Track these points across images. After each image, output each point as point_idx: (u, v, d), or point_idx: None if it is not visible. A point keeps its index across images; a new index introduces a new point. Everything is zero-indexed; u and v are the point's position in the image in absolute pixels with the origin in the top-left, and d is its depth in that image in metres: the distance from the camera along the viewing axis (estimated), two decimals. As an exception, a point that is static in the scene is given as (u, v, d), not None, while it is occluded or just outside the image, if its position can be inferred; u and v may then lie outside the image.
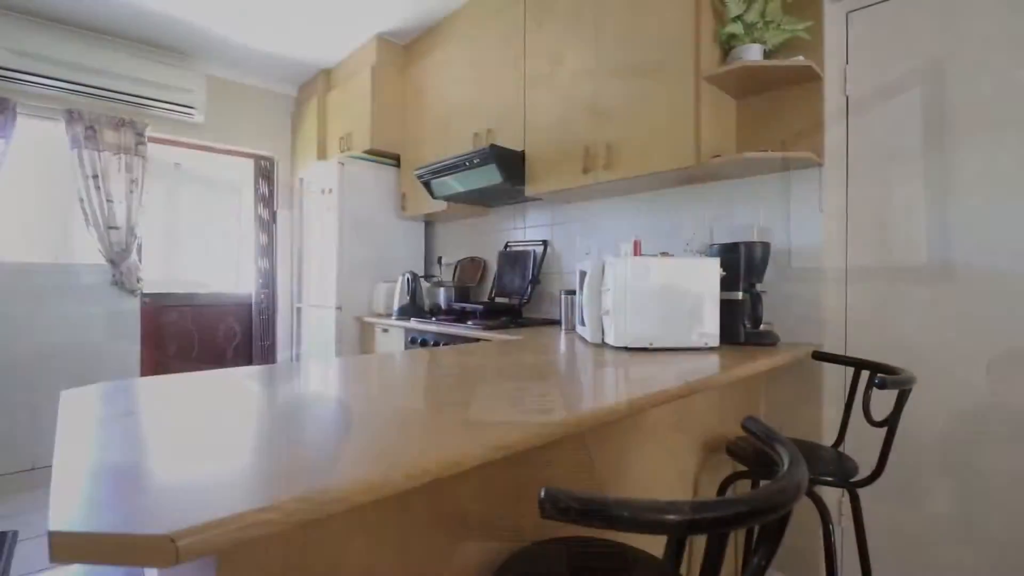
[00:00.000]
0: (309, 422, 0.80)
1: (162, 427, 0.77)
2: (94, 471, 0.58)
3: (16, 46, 2.98)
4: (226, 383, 1.09)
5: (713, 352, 1.59)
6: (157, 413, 0.85)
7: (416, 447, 0.66)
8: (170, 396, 0.97)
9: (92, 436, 0.70)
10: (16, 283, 3.13)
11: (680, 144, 1.81)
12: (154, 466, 0.61)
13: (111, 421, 0.78)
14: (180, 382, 1.08)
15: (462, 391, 1.01)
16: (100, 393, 0.96)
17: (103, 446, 0.66)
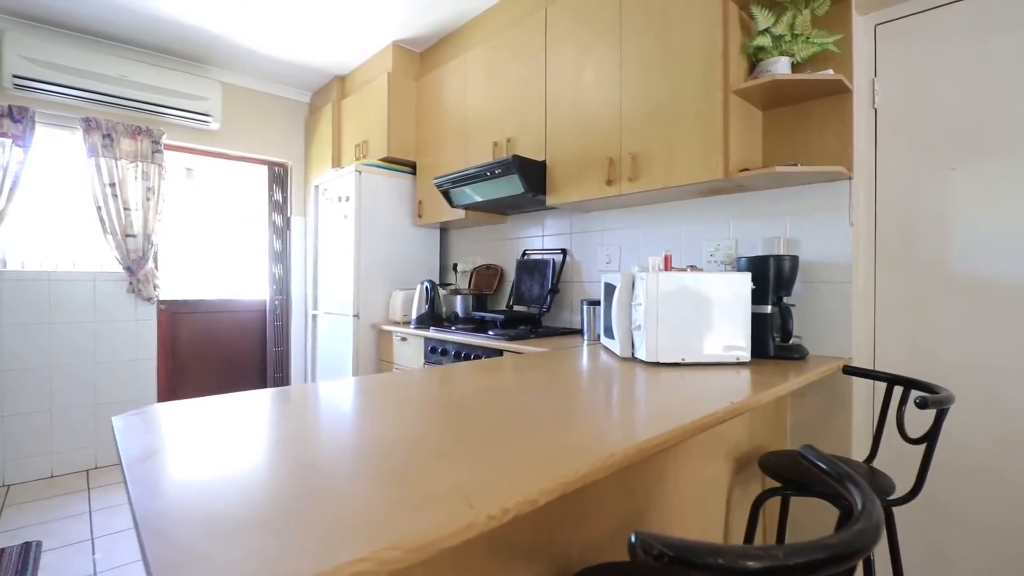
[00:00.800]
0: (372, 460, 0.80)
1: (229, 462, 0.77)
2: (177, 516, 0.58)
3: (35, 56, 2.99)
4: (262, 407, 1.10)
5: (744, 367, 1.59)
6: (218, 447, 0.85)
7: (494, 486, 0.66)
8: (222, 423, 0.97)
9: (164, 476, 0.71)
10: (35, 291, 3.15)
11: (708, 157, 1.80)
12: (230, 511, 0.61)
13: (174, 460, 0.78)
14: (225, 404, 1.08)
15: (514, 416, 1.00)
16: (154, 419, 0.96)
17: (181, 491, 0.67)
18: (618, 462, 0.78)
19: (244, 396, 1.16)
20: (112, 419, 0.96)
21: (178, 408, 1.05)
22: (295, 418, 0.98)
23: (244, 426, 0.92)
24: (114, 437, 0.88)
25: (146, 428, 0.91)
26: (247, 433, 0.88)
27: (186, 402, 1.09)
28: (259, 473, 0.70)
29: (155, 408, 1.04)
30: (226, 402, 1.10)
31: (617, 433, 0.89)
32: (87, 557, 2.28)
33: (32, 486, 3.06)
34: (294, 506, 0.59)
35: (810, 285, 1.88)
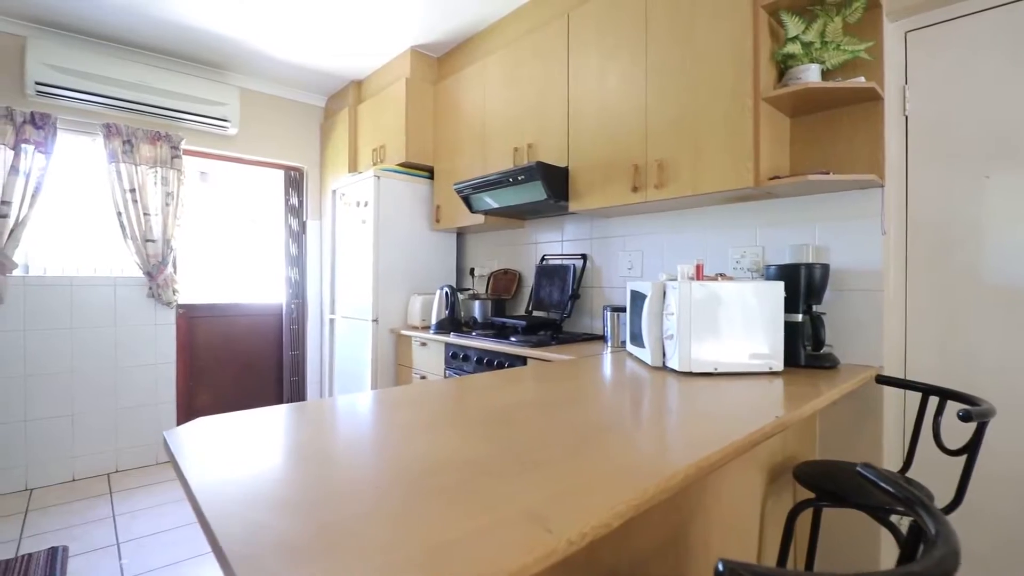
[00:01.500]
0: (429, 480, 0.80)
1: (284, 482, 0.77)
2: (248, 542, 0.58)
3: (58, 63, 3.02)
4: (299, 420, 1.10)
5: (777, 376, 1.58)
6: (269, 466, 0.85)
7: (565, 510, 0.65)
8: (266, 439, 0.97)
9: (230, 494, 0.71)
10: (57, 296, 3.17)
11: (738, 164, 1.80)
12: (294, 536, 0.61)
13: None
14: (261, 420, 1.09)
15: (560, 431, 1.00)
16: (211, 432, 0.97)
17: (241, 508, 0.67)
18: (679, 483, 0.78)
19: (276, 411, 1.16)
20: (164, 434, 0.97)
21: (222, 422, 1.05)
22: (340, 433, 0.98)
23: (285, 442, 0.93)
24: (168, 450, 0.89)
25: (200, 440, 0.91)
26: (292, 449, 0.88)
27: (230, 416, 1.10)
28: (312, 490, 0.70)
29: (203, 421, 1.05)
30: (262, 417, 1.10)
31: (673, 450, 0.89)
32: (114, 562, 2.29)
33: (54, 490, 3.08)
34: (360, 528, 0.59)
35: (840, 293, 1.88)
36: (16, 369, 3.04)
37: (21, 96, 3.05)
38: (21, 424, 3.06)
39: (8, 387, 3.02)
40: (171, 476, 3.28)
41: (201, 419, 1.06)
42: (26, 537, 2.52)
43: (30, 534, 2.55)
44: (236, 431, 0.99)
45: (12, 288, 3.03)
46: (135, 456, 3.42)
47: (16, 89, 3.04)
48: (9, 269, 2.98)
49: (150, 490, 3.09)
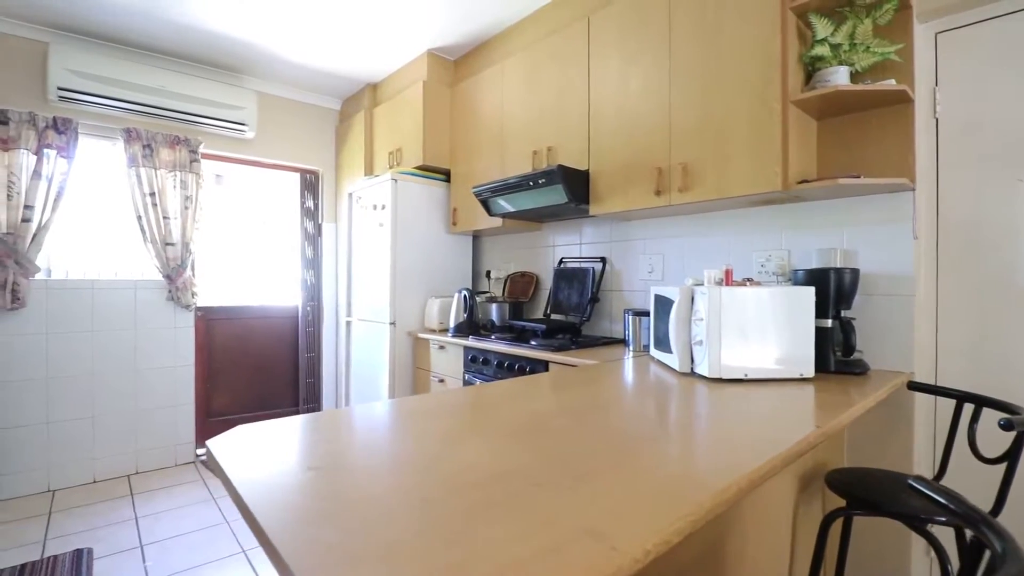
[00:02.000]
0: (477, 492, 0.79)
1: (332, 493, 0.77)
2: (299, 546, 0.58)
3: (79, 68, 3.04)
4: (326, 428, 1.10)
5: (808, 383, 1.57)
6: (316, 475, 0.85)
7: (624, 525, 0.65)
8: (302, 447, 0.97)
9: (283, 500, 0.70)
10: (79, 300, 3.20)
11: (766, 168, 1.78)
12: (351, 544, 0.60)
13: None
14: (305, 424, 1.09)
15: (600, 440, 1.00)
16: (252, 440, 0.97)
17: (295, 515, 0.66)
18: (733, 496, 0.77)
19: (311, 418, 1.16)
20: (208, 444, 0.97)
21: (261, 430, 1.05)
22: (379, 442, 0.98)
23: (327, 450, 0.92)
24: (214, 460, 0.89)
25: (243, 449, 0.91)
26: (334, 458, 0.88)
27: (268, 424, 1.10)
28: (365, 504, 0.69)
29: (243, 429, 1.05)
30: (298, 424, 1.10)
31: (721, 461, 0.87)
32: (138, 564, 2.31)
33: (76, 491, 3.11)
34: (424, 546, 0.59)
35: (869, 298, 1.85)
36: (38, 371, 3.07)
37: (43, 101, 3.08)
38: (43, 426, 3.09)
39: (30, 389, 3.05)
40: (190, 478, 3.30)
41: (240, 427, 1.06)
42: (51, 539, 2.54)
43: (54, 536, 2.57)
44: (276, 439, 0.99)
45: (35, 291, 3.06)
46: (154, 458, 3.45)
47: (39, 95, 3.07)
48: (32, 273, 3.01)
49: (170, 492, 3.11)
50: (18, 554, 2.39)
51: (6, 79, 3.00)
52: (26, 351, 3.04)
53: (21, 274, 2.97)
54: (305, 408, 4.24)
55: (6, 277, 2.93)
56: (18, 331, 3.01)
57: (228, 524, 2.68)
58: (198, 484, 3.22)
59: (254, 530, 0.64)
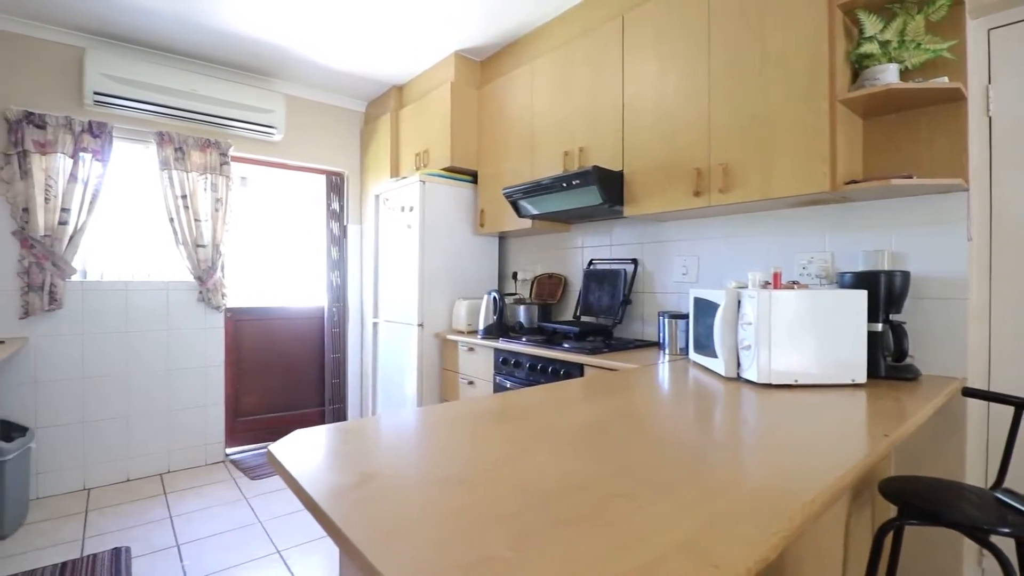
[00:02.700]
0: (556, 504, 0.78)
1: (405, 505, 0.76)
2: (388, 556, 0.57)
3: (114, 72, 3.09)
4: (391, 432, 1.09)
5: (860, 389, 1.53)
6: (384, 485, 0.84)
7: (717, 541, 0.63)
8: (363, 451, 0.96)
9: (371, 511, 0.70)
10: (113, 300, 3.25)
11: (813, 168, 1.74)
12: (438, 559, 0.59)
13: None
14: (360, 428, 1.08)
15: (664, 449, 0.98)
16: (312, 445, 0.96)
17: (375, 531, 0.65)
18: (818, 509, 0.74)
19: (365, 423, 1.16)
20: (270, 448, 0.97)
21: (317, 435, 1.05)
22: (440, 448, 0.97)
23: (390, 457, 0.91)
24: (282, 467, 0.88)
25: (306, 454, 0.90)
26: (399, 466, 0.87)
27: (322, 428, 1.09)
28: (453, 519, 0.68)
29: (300, 434, 1.04)
30: (352, 429, 1.10)
31: (797, 472, 0.85)
32: (175, 564, 2.33)
33: (110, 490, 3.15)
34: (523, 562, 0.57)
35: (919, 301, 1.81)
36: (74, 371, 3.12)
37: (79, 106, 3.13)
38: (79, 425, 3.14)
39: (67, 389, 3.10)
40: (221, 478, 3.33)
41: (297, 432, 1.06)
42: (89, 537, 2.57)
43: (92, 534, 2.61)
44: (334, 444, 0.99)
45: (71, 293, 3.11)
46: (185, 457, 3.49)
47: (75, 99, 3.12)
48: (68, 274, 3.06)
49: (201, 492, 3.14)
50: (58, 552, 2.43)
51: (44, 84, 3.05)
52: (63, 351, 3.09)
53: (58, 276, 3.02)
54: (331, 408, 4.27)
55: (44, 279, 2.98)
56: (55, 332, 3.06)
57: (261, 524, 2.70)
58: (229, 484, 3.25)
59: (345, 547, 0.63)
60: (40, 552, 2.43)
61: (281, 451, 0.94)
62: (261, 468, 3.49)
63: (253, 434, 3.96)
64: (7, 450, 2.56)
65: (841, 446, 1.00)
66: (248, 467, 3.50)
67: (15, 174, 2.93)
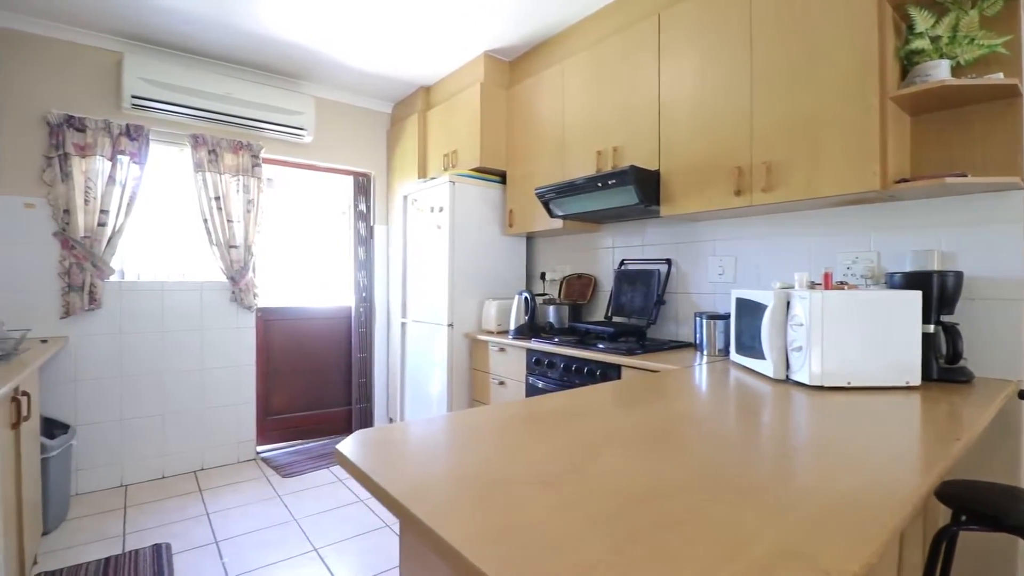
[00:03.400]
0: (649, 508, 0.77)
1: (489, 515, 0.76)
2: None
3: (151, 76, 3.14)
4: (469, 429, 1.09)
5: (914, 391, 1.50)
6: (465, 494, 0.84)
7: (825, 547, 0.62)
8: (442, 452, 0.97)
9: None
10: (150, 300, 3.31)
11: (862, 167, 1.71)
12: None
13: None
14: (423, 429, 1.09)
15: (732, 452, 0.97)
16: (380, 444, 0.97)
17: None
18: (909, 514, 0.73)
19: (427, 423, 1.16)
20: (338, 448, 0.97)
21: (381, 434, 1.05)
22: (513, 449, 0.97)
23: (466, 458, 0.91)
24: (355, 467, 0.89)
25: (379, 453, 0.91)
26: (474, 466, 0.87)
27: (386, 428, 1.10)
28: (526, 517, 0.68)
29: (363, 434, 1.05)
30: (415, 430, 1.10)
31: (879, 476, 0.83)
32: (215, 560, 2.36)
33: (147, 487, 3.21)
34: (624, 563, 0.57)
35: (971, 302, 1.77)
36: (113, 370, 3.18)
37: (117, 109, 3.19)
38: (117, 423, 3.20)
39: (106, 387, 3.16)
40: (253, 475, 3.38)
41: (360, 432, 1.07)
42: (129, 533, 2.62)
43: (132, 530, 2.65)
44: (397, 444, 0.99)
45: (109, 293, 3.17)
46: (218, 455, 3.54)
47: (113, 103, 3.18)
48: (107, 275, 3.12)
49: (235, 488, 3.18)
50: (101, 547, 2.48)
51: (84, 88, 3.11)
52: (102, 350, 3.15)
53: (97, 276, 3.08)
54: (358, 408, 4.30)
55: (84, 279, 3.04)
56: (95, 331, 3.12)
57: (296, 522, 2.72)
58: (261, 481, 3.29)
59: (439, 547, 0.63)
60: (83, 547, 2.48)
61: (351, 450, 0.95)
62: (292, 466, 3.52)
63: (282, 432, 4.00)
64: (50, 447, 2.62)
65: (915, 449, 0.98)
66: (279, 465, 3.54)
67: (56, 176, 2.99)
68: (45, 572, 2.26)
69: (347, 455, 0.93)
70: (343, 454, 0.94)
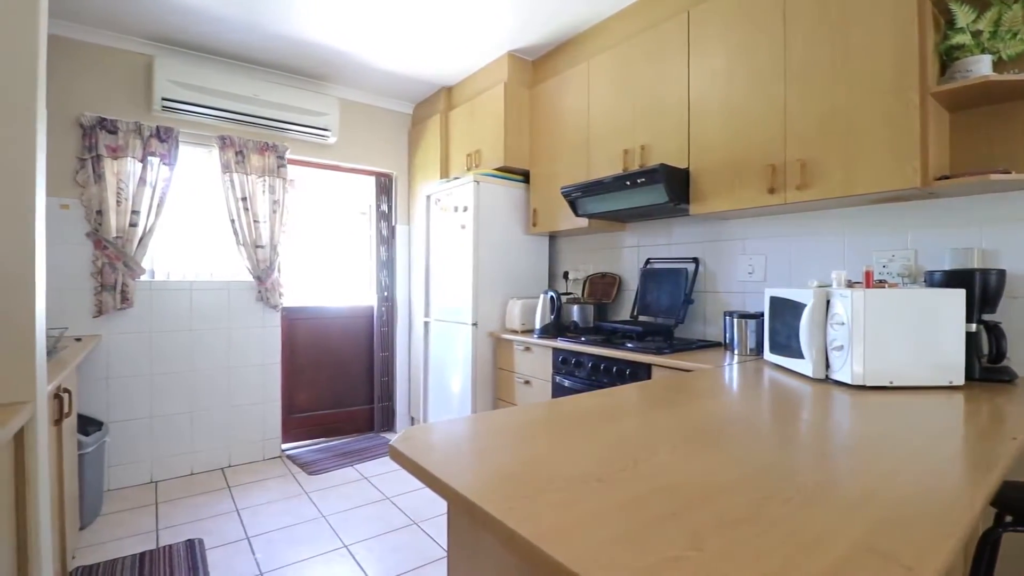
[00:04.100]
0: (718, 505, 0.77)
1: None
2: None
3: (180, 79, 3.19)
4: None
5: (957, 391, 1.48)
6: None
7: (904, 544, 0.61)
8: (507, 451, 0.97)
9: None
10: (178, 300, 3.36)
11: (902, 164, 1.69)
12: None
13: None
14: (471, 426, 1.09)
15: (787, 451, 0.96)
16: (434, 440, 0.98)
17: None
18: (978, 513, 0.72)
19: (476, 419, 1.17)
20: (392, 444, 0.98)
21: (432, 431, 1.06)
22: (564, 446, 0.97)
23: (522, 455, 0.92)
24: (413, 462, 0.90)
25: (436, 449, 0.92)
26: (531, 464, 0.87)
27: (435, 424, 1.11)
28: (611, 522, 0.68)
29: (413, 430, 1.06)
30: (466, 427, 1.11)
31: (942, 477, 0.82)
32: (248, 556, 2.39)
33: (176, 483, 3.26)
34: (707, 560, 0.57)
35: (1013, 301, 1.74)
36: (143, 368, 3.24)
37: (148, 112, 3.24)
38: (147, 420, 3.25)
39: (137, 385, 3.22)
40: (279, 472, 3.41)
41: (410, 428, 1.08)
42: (162, 529, 2.66)
43: (164, 526, 2.70)
44: (449, 441, 1.00)
45: (140, 292, 3.23)
46: (244, 452, 3.58)
47: (144, 105, 3.23)
48: (138, 274, 3.17)
49: (263, 486, 3.22)
50: (136, 543, 2.52)
51: (116, 91, 3.17)
52: (133, 349, 3.20)
53: (129, 275, 3.14)
54: (380, 406, 4.32)
55: (116, 278, 3.10)
56: (126, 329, 3.18)
57: (325, 519, 2.75)
58: (288, 479, 3.32)
59: (511, 543, 0.63)
60: (118, 542, 2.53)
61: (406, 447, 0.96)
62: (317, 464, 3.56)
63: (306, 430, 4.04)
64: (86, 443, 2.67)
65: (971, 448, 0.97)
66: (304, 462, 3.58)
67: (89, 178, 3.05)
68: (83, 567, 2.31)
69: (404, 452, 0.94)
70: (400, 451, 0.95)
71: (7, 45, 1.26)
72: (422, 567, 2.31)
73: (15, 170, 1.27)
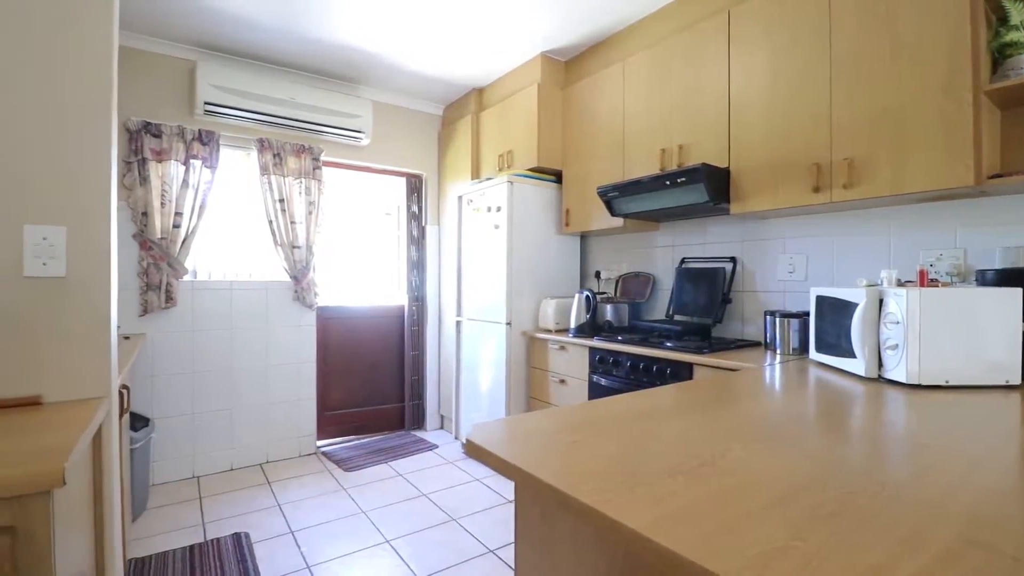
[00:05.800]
0: (807, 502, 0.79)
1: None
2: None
3: (222, 83, 3.26)
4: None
5: (1014, 391, 1.47)
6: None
7: (1008, 542, 0.63)
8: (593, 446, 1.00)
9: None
10: (220, 299, 3.44)
11: (954, 162, 1.68)
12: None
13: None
14: (544, 422, 1.12)
15: (850, 447, 0.97)
16: (508, 433, 1.00)
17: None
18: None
19: (548, 414, 1.19)
20: (468, 438, 1.01)
21: (501, 425, 1.09)
22: (642, 441, 0.99)
23: (609, 451, 0.94)
24: (498, 458, 0.93)
25: (513, 442, 0.94)
26: (619, 462, 0.89)
27: (504, 420, 1.14)
28: (687, 507, 0.70)
29: (484, 426, 1.09)
30: (538, 422, 1.13)
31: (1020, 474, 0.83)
32: (293, 550, 2.45)
33: (217, 478, 3.34)
34: (812, 551, 0.59)
35: (1069, 300, 1.71)
36: (186, 366, 3.33)
37: (190, 115, 3.33)
38: (190, 417, 3.34)
39: (180, 383, 3.31)
40: (316, 469, 3.48)
41: (480, 424, 1.11)
42: (208, 522, 2.74)
43: (210, 519, 2.77)
44: (523, 437, 1.02)
45: (183, 292, 3.32)
46: (281, 448, 3.66)
47: (187, 109, 3.32)
48: (182, 274, 3.26)
49: (301, 481, 3.28)
50: (184, 536, 2.60)
51: (160, 96, 3.26)
52: (176, 347, 3.29)
53: (173, 275, 3.22)
54: (411, 404, 4.38)
55: (160, 278, 3.19)
56: (170, 328, 3.27)
57: (365, 514, 2.80)
58: (325, 475, 3.39)
59: (614, 533, 0.65)
60: (167, 535, 2.60)
61: (486, 442, 0.99)
62: (352, 460, 3.62)
63: (339, 427, 4.11)
64: (136, 439, 2.75)
65: (1047, 448, 0.97)
66: (340, 459, 3.64)
67: (135, 180, 3.14)
68: (135, 559, 2.39)
69: (485, 447, 0.97)
70: (480, 445, 0.98)
71: (89, 57, 1.32)
72: (464, 563, 2.35)
73: (96, 174, 1.32)
